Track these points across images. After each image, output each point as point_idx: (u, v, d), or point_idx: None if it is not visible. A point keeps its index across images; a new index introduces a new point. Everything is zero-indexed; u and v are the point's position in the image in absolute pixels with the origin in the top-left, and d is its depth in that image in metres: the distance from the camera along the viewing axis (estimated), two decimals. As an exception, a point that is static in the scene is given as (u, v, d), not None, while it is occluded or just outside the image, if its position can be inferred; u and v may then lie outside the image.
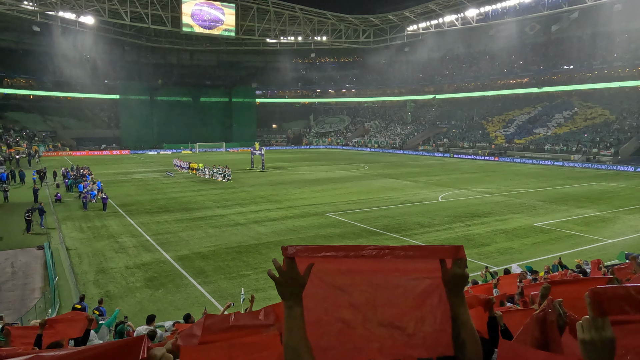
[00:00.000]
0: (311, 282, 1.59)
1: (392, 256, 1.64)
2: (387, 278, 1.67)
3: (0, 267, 17.55)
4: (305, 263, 1.58)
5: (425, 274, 1.66)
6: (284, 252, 1.59)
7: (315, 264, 1.58)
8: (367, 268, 1.65)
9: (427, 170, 50.03)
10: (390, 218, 25.05)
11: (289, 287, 1.56)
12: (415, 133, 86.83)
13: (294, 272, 1.56)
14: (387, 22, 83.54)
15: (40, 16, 68.72)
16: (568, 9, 62.85)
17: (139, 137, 79.44)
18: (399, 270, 1.66)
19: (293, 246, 1.60)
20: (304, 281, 1.57)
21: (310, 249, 1.62)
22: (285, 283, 1.56)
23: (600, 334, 1.21)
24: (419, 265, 1.66)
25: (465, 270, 1.64)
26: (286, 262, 1.57)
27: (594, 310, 1.22)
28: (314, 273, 1.59)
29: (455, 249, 1.63)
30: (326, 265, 1.63)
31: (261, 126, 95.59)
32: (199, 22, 78.17)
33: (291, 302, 1.55)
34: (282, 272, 1.56)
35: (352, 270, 1.65)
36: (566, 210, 27.03)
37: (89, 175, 37.88)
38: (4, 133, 69.45)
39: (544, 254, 17.98)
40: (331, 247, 1.64)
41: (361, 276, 1.66)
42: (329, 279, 1.65)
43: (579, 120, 66.21)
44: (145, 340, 1.23)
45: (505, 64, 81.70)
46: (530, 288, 7.01)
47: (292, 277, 1.56)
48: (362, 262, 1.64)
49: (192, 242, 20.51)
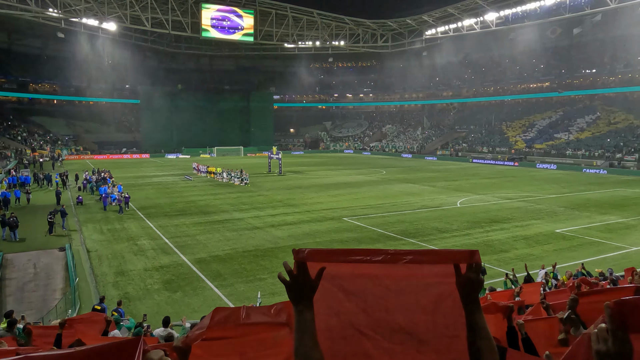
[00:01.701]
0: (322, 287, 1.55)
1: (405, 261, 1.61)
2: (400, 283, 1.64)
3: (23, 267, 17.93)
4: (316, 267, 1.54)
5: (439, 279, 1.62)
6: (295, 255, 1.56)
7: (327, 268, 1.55)
8: (379, 273, 1.62)
9: (445, 175, 49.56)
10: (407, 223, 24.86)
11: (299, 291, 1.52)
12: (433, 137, 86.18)
13: (304, 276, 1.53)
14: (406, 27, 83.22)
15: (64, 23, 70.35)
16: (591, 11, 61.70)
17: (159, 141, 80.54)
18: (412, 275, 1.63)
19: (304, 249, 1.57)
20: (315, 285, 1.53)
21: (322, 252, 1.59)
22: (296, 287, 1.52)
23: (618, 346, 1.14)
24: (432, 270, 1.62)
25: (480, 275, 1.60)
26: (297, 265, 1.54)
27: (613, 322, 1.16)
28: (325, 277, 1.55)
29: (469, 253, 1.59)
30: (338, 269, 1.60)
31: (279, 130, 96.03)
32: (219, 27, 79.06)
33: (302, 306, 1.51)
34: (292, 276, 1.53)
35: (364, 275, 1.62)
36: (588, 217, 26.45)
37: (109, 178, 38.53)
38: (29, 137, 71.22)
39: (566, 260, 17.60)
40: (343, 251, 1.61)
41: (374, 281, 1.63)
42: (341, 284, 1.62)
43: (602, 124, 64.86)
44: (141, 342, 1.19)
45: (525, 68, 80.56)
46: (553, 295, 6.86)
47: (302, 281, 1.53)
48: (375, 266, 1.61)
49: (209, 245, 20.65)
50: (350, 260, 1.60)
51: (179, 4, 72.44)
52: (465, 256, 1.60)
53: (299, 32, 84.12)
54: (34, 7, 59.86)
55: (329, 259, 1.58)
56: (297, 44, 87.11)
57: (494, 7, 67.53)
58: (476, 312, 1.56)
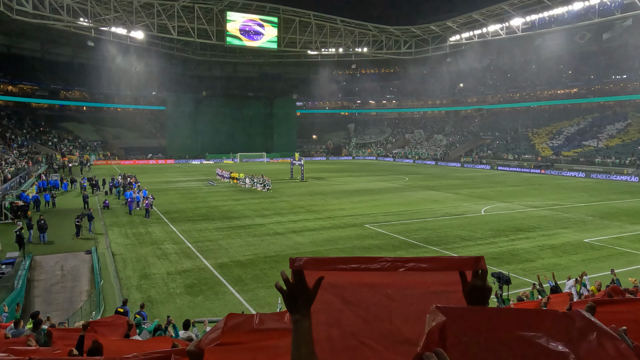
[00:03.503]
0: (321, 296, 1.50)
1: (406, 268, 1.54)
2: (404, 292, 1.57)
3: (51, 269, 18.37)
4: (314, 276, 1.49)
5: (445, 287, 1.56)
6: (291, 264, 1.51)
7: (325, 277, 1.50)
8: (380, 281, 1.56)
9: (470, 182, 48.83)
10: (430, 231, 24.54)
11: (296, 300, 1.48)
12: (457, 144, 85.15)
13: (301, 286, 1.49)
14: (429, 33, 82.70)
15: (94, 32, 72.44)
16: (621, 16, 60.14)
17: (184, 147, 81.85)
18: (415, 283, 1.56)
19: (301, 258, 1.52)
20: (312, 295, 1.49)
21: (319, 261, 1.54)
22: (293, 297, 1.48)
23: None
24: (437, 278, 1.56)
25: (487, 282, 1.53)
26: (294, 274, 1.50)
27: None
28: (324, 287, 1.50)
29: (475, 259, 1.53)
30: (337, 278, 1.54)
31: (301, 137, 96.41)
32: (243, 35, 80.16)
33: (299, 315, 1.47)
34: (289, 285, 1.49)
35: (365, 284, 1.57)
36: (619, 226, 25.63)
37: (135, 183, 39.27)
38: (59, 142, 73.30)
39: (595, 271, 17.05)
40: (342, 259, 1.56)
41: (375, 290, 1.57)
42: (341, 293, 1.56)
43: (633, 131, 62.98)
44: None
45: (552, 74, 78.95)
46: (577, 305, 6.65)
47: (299, 290, 1.49)
48: (375, 275, 1.55)
49: (231, 250, 20.78)
50: (349, 268, 1.55)
51: (205, 12, 73.77)
52: (470, 263, 1.53)
53: (322, 39, 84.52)
54: (65, 17, 61.87)
55: (326, 268, 1.53)
56: (321, 50, 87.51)
57: (520, 12, 66.48)
58: None
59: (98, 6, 65.07)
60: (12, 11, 57.59)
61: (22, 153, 58.28)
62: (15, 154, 55.37)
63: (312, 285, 1.50)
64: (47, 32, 73.97)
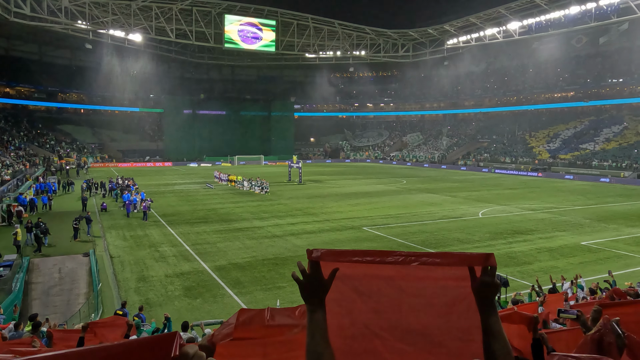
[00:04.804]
0: (335, 287, 1.56)
1: (420, 262, 1.60)
2: (414, 285, 1.63)
3: (49, 272, 18.32)
4: (330, 267, 1.55)
5: (454, 282, 1.61)
6: (309, 255, 1.57)
7: (340, 269, 1.56)
8: (393, 274, 1.62)
9: (467, 185, 48.94)
10: (428, 233, 24.59)
11: (311, 290, 1.54)
12: (455, 147, 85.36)
13: (317, 276, 1.55)
14: (427, 36, 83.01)
15: (92, 34, 72.43)
16: (617, 20, 60.50)
17: (181, 149, 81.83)
18: (426, 277, 1.62)
19: (318, 249, 1.58)
20: (327, 285, 1.55)
21: (335, 253, 1.59)
22: (309, 287, 1.54)
23: None
24: (447, 272, 1.61)
25: (496, 279, 1.58)
26: (310, 265, 1.56)
27: None
28: (338, 278, 1.56)
29: (485, 256, 1.58)
30: (351, 270, 1.60)
31: (299, 140, 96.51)
32: (241, 38, 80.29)
33: (314, 305, 1.54)
34: (306, 276, 1.55)
35: (378, 276, 1.62)
36: (616, 229, 25.73)
37: (133, 186, 39.24)
38: (56, 145, 73.16)
39: (592, 274, 17.11)
40: (357, 252, 1.61)
41: (387, 282, 1.63)
42: (354, 284, 1.62)
43: (630, 135, 63.28)
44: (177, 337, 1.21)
45: (549, 77, 79.32)
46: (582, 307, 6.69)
47: (315, 281, 1.55)
48: (389, 268, 1.61)
49: (229, 252, 20.77)
50: (364, 261, 1.60)
51: (203, 15, 73.92)
52: (480, 259, 1.58)
53: (320, 42, 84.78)
54: (63, 19, 61.91)
55: (342, 260, 1.59)
56: (318, 53, 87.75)
57: (517, 16, 66.87)
58: (492, 316, 1.55)
59: (96, 9, 65.18)
60: (10, 13, 57.57)
61: (19, 155, 58.13)
62: (12, 156, 55.22)
63: (327, 276, 1.55)
64: (45, 34, 73.90)
